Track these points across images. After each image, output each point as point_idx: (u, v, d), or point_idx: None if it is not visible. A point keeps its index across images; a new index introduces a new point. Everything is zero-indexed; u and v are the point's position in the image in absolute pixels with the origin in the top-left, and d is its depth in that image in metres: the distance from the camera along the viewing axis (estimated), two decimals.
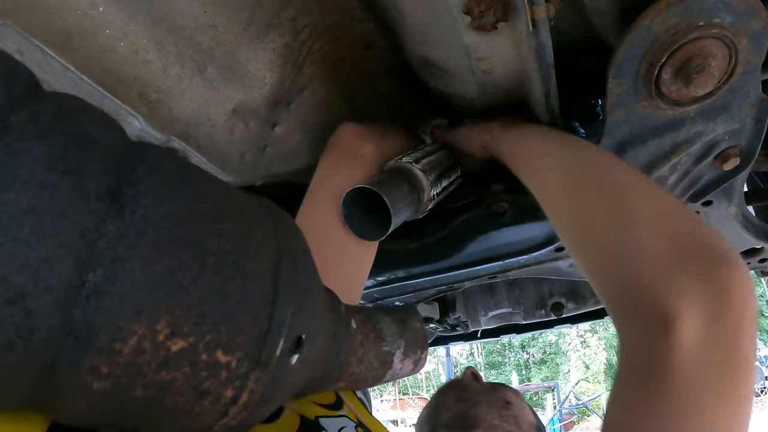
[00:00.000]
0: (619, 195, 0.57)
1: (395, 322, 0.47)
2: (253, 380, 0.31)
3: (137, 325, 0.26)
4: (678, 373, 0.44)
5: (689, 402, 0.44)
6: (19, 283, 0.24)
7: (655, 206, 0.55)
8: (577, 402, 13.21)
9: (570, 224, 0.63)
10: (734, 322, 0.45)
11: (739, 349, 0.45)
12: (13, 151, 0.24)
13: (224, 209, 0.32)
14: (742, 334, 0.45)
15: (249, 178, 0.97)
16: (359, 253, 0.81)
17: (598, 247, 0.57)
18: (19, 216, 0.24)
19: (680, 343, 0.44)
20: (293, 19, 0.78)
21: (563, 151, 0.68)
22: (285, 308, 0.32)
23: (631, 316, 0.51)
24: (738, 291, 0.46)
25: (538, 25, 0.62)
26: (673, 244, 0.50)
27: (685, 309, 0.45)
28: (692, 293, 0.46)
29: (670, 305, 0.46)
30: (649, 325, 0.47)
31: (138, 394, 0.28)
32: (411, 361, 0.48)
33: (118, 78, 0.74)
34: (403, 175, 0.78)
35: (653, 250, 0.51)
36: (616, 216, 0.56)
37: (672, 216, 0.54)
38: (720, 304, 0.45)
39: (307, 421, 0.47)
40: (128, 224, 0.27)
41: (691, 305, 0.45)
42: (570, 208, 0.63)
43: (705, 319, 0.45)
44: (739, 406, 0.44)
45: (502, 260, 1.02)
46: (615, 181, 0.59)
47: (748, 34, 0.63)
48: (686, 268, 0.48)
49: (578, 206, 0.61)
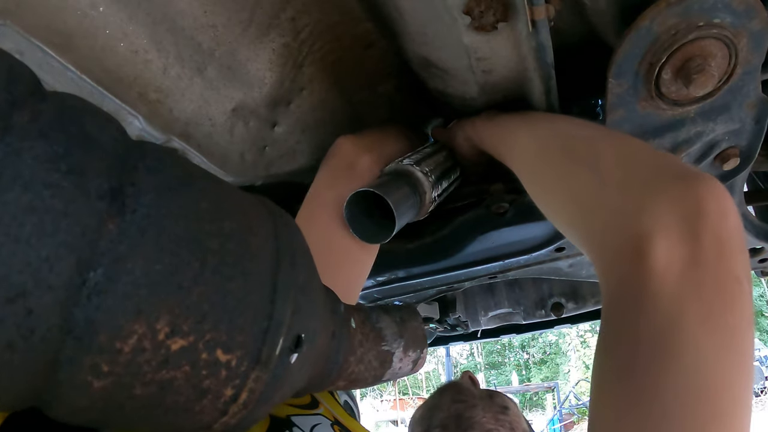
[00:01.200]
0: (585, 147, 0.56)
1: (395, 321, 0.47)
2: (252, 379, 0.31)
3: (138, 324, 0.27)
4: (655, 297, 0.40)
5: (670, 325, 0.39)
6: (19, 282, 0.24)
7: (621, 147, 0.53)
8: (577, 402, 13.21)
9: (543, 188, 0.62)
10: (715, 236, 0.41)
11: (724, 265, 0.40)
12: (15, 151, 0.24)
13: (225, 208, 0.32)
14: (726, 249, 0.41)
15: (249, 178, 0.97)
16: (358, 260, 0.81)
17: (570, 199, 0.55)
18: (20, 215, 0.24)
19: (654, 266, 0.41)
20: (293, 19, 0.78)
21: (536, 125, 0.68)
22: (284, 307, 0.32)
23: (605, 251, 0.47)
24: (714, 204, 0.42)
25: (537, 25, 0.62)
26: (640, 172, 0.48)
27: (656, 229, 0.42)
28: (662, 211, 0.42)
29: (639, 228, 0.42)
30: (622, 255, 0.44)
31: (138, 393, 0.28)
32: (410, 360, 0.48)
33: (118, 78, 0.74)
34: (405, 177, 0.78)
35: (620, 182, 0.48)
36: (584, 165, 0.54)
37: (638, 151, 0.52)
38: (695, 218, 0.41)
39: (278, 420, 0.47)
40: (129, 223, 0.27)
41: (662, 224, 0.42)
42: (542, 174, 0.62)
43: (679, 237, 0.41)
44: (731, 330, 0.39)
45: (502, 260, 1.02)
46: (580, 136, 0.58)
47: (748, 35, 0.63)
48: (654, 189, 0.44)
49: (549, 169, 0.60)
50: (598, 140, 0.56)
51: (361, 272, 0.83)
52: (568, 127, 0.63)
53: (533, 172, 0.64)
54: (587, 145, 0.56)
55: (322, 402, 0.55)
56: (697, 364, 0.38)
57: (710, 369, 0.38)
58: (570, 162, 0.57)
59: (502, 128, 0.76)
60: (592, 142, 0.56)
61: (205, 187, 0.32)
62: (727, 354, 0.38)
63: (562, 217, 0.58)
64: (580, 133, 0.60)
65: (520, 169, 0.67)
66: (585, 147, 0.56)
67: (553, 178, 0.59)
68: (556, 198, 0.59)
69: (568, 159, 0.57)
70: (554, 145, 0.61)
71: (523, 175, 0.66)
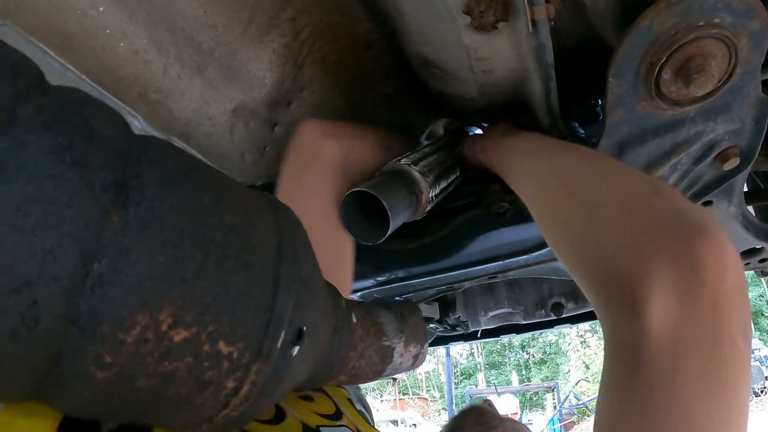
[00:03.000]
0: (585, 183, 0.56)
1: (395, 317, 0.47)
2: (254, 371, 0.31)
3: (141, 316, 0.27)
4: (650, 357, 0.41)
5: (663, 384, 0.40)
6: (24, 272, 0.24)
7: (619, 186, 0.53)
8: (577, 402, 13.18)
9: (547, 222, 0.61)
10: (711, 296, 0.40)
11: (719, 325, 0.40)
12: (20, 143, 0.25)
13: (227, 202, 0.32)
14: (722, 309, 0.41)
15: (249, 178, 0.97)
16: (340, 249, 0.81)
17: (570, 238, 0.55)
18: (25, 206, 0.24)
19: (650, 327, 0.41)
20: (293, 19, 0.78)
21: (542, 156, 0.68)
22: (286, 300, 0.33)
23: (604, 301, 0.48)
24: (713, 261, 0.41)
25: (538, 25, 0.62)
26: (636, 220, 0.47)
27: (653, 289, 0.41)
28: (659, 270, 0.42)
29: (636, 286, 0.42)
30: (619, 310, 0.44)
31: (141, 384, 0.28)
32: (411, 355, 0.48)
33: (118, 78, 0.74)
34: (401, 177, 0.78)
35: (617, 230, 0.48)
36: (582, 204, 0.54)
37: (636, 192, 0.51)
38: (692, 278, 0.41)
39: (309, 429, 0.47)
40: (133, 215, 0.27)
41: (659, 284, 0.41)
42: (546, 207, 0.62)
43: (676, 298, 0.41)
44: (723, 388, 0.40)
45: (502, 260, 1.02)
46: (581, 171, 0.58)
47: (748, 34, 0.63)
48: (651, 243, 0.44)
49: (552, 203, 0.60)
50: (597, 176, 0.55)
51: (346, 262, 0.82)
52: (569, 161, 0.62)
53: (538, 212, 0.64)
54: (586, 184, 0.56)
55: (345, 413, 0.55)
56: (687, 421, 0.39)
57: (701, 426, 0.39)
58: (569, 200, 0.57)
59: (511, 156, 0.76)
60: (591, 180, 0.56)
61: (207, 180, 0.32)
62: (718, 411, 0.40)
63: (562, 254, 0.57)
64: (580, 167, 0.59)
65: (528, 204, 0.67)
66: (584, 184, 0.56)
67: (553, 218, 0.59)
68: (557, 236, 0.58)
69: (567, 196, 0.57)
70: (554, 182, 0.61)
71: (531, 211, 0.66)
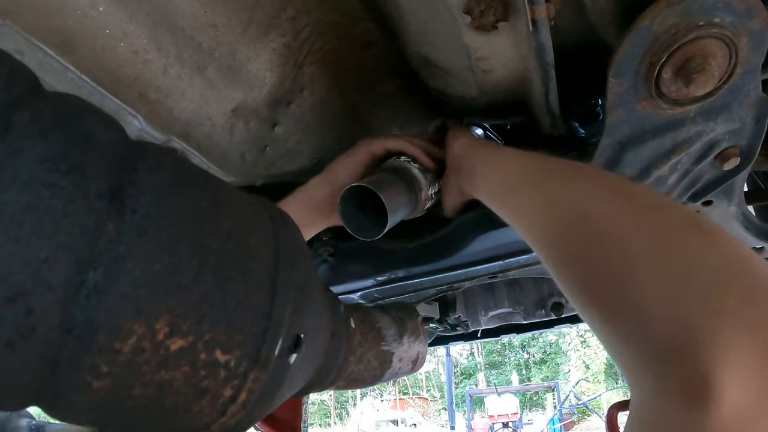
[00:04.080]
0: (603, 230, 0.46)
1: (394, 321, 0.47)
2: (251, 379, 0.31)
3: (137, 325, 0.27)
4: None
5: None
6: (19, 281, 0.24)
7: (648, 224, 0.43)
8: (578, 402, 13.20)
9: (555, 267, 0.51)
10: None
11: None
12: (14, 150, 0.24)
13: (224, 208, 0.32)
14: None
15: (249, 178, 0.97)
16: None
17: (594, 286, 0.45)
18: (19, 215, 0.24)
19: (719, 419, 0.32)
20: (293, 19, 0.78)
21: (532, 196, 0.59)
22: (284, 307, 0.32)
23: (643, 365, 0.39)
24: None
25: (538, 24, 0.62)
26: (697, 271, 0.38)
27: (731, 371, 0.32)
28: (738, 347, 0.33)
29: (705, 362, 0.33)
30: (672, 385, 0.35)
31: (137, 393, 0.28)
32: (410, 360, 0.48)
33: (118, 78, 0.74)
34: (401, 173, 0.78)
35: (657, 285, 0.39)
36: (610, 256, 0.44)
37: (682, 235, 0.41)
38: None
39: None
40: (129, 223, 0.27)
41: (738, 366, 0.32)
42: (550, 250, 0.52)
43: (755, 388, 0.32)
44: None
45: (502, 260, 1.01)
46: (595, 217, 0.47)
47: (748, 34, 0.63)
48: (724, 305, 0.35)
49: (559, 251, 0.50)
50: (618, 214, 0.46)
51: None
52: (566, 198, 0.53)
53: (541, 251, 0.55)
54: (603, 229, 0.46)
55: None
56: None
57: None
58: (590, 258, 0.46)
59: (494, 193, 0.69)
60: (613, 221, 0.46)
61: (204, 187, 0.32)
62: None
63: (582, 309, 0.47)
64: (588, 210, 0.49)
65: (527, 241, 0.59)
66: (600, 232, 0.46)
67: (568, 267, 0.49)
68: (575, 298, 0.48)
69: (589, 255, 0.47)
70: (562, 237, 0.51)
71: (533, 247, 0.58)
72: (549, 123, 0.80)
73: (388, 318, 0.47)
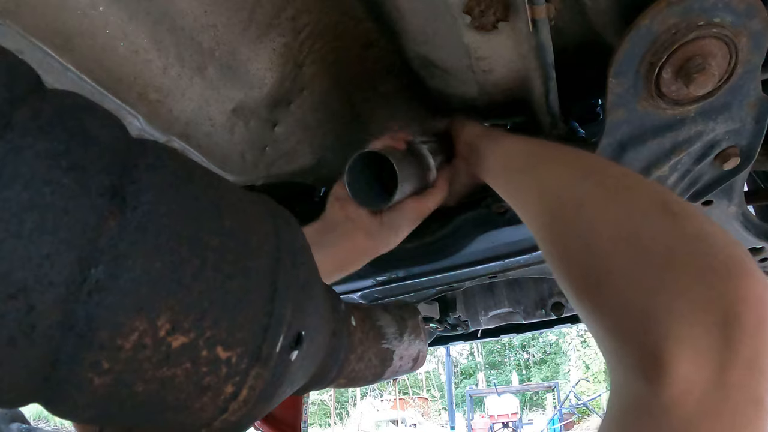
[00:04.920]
0: (575, 207, 0.48)
1: (395, 319, 0.47)
2: (253, 376, 0.31)
3: (138, 321, 0.27)
4: (668, 421, 0.34)
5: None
6: (20, 278, 0.24)
7: (616, 206, 0.45)
8: (578, 402, 13.20)
9: (545, 254, 0.54)
10: (749, 358, 0.33)
11: (751, 388, 0.34)
12: (16, 148, 0.24)
13: (225, 206, 0.32)
14: (757, 369, 0.34)
15: (249, 178, 0.97)
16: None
17: (572, 274, 0.47)
18: (21, 212, 0.24)
19: (672, 393, 0.33)
20: (293, 19, 0.78)
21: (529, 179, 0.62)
22: (285, 305, 0.33)
23: (614, 351, 0.40)
24: (753, 313, 0.34)
25: (538, 24, 0.62)
26: (646, 254, 0.39)
27: (679, 349, 0.33)
28: (686, 325, 0.34)
29: (657, 343, 0.34)
30: (634, 367, 0.36)
31: (139, 390, 0.28)
32: (410, 358, 0.48)
33: (118, 78, 0.74)
34: (411, 152, 0.80)
35: (623, 266, 0.40)
36: (577, 233, 0.47)
37: (640, 213, 0.43)
38: (728, 337, 0.33)
39: None
40: (130, 220, 0.27)
41: (688, 343, 0.34)
42: (542, 239, 0.54)
43: (708, 362, 0.33)
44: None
45: (502, 260, 1.02)
46: (571, 193, 0.51)
47: (749, 34, 0.63)
48: (672, 287, 0.36)
49: (548, 235, 0.53)
50: (588, 196, 0.48)
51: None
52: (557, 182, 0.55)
53: (535, 233, 0.57)
54: (576, 207, 0.49)
55: None
56: None
57: None
58: (564, 230, 0.50)
59: (497, 173, 0.72)
60: (582, 201, 0.48)
61: (205, 184, 0.32)
62: None
63: (563, 283, 0.49)
64: (569, 188, 0.51)
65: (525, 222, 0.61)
66: (573, 208, 0.49)
67: (548, 251, 0.53)
68: (556, 271, 0.51)
69: (563, 227, 0.50)
70: (547, 209, 0.54)
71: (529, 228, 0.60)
72: (549, 123, 0.80)
73: (388, 316, 0.47)
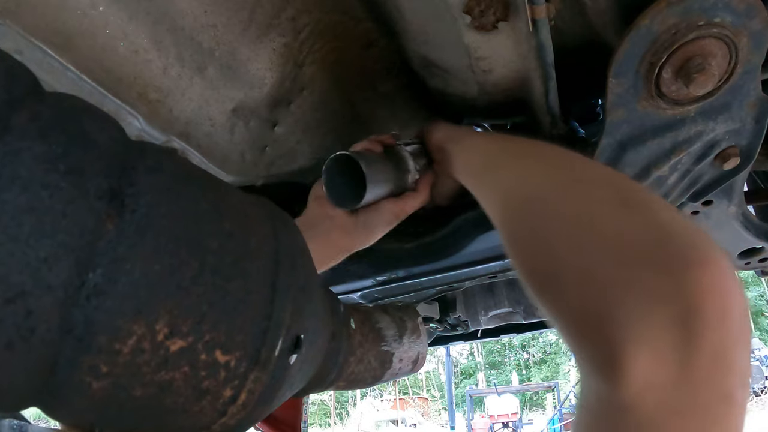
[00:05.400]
0: (534, 201, 0.47)
1: (395, 321, 0.47)
2: (251, 380, 0.31)
3: (136, 325, 0.27)
4: (634, 425, 0.32)
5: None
6: (19, 282, 0.24)
7: (573, 198, 0.43)
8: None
9: (505, 247, 0.51)
10: (712, 351, 0.31)
11: (717, 383, 0.32)
12: (14, 151, 0.24)
13: (224, 209, 0.32)
14: (723, 363, 0.32)
15: (249, 178, 0.97)
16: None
17: (528, 268, 0.45)
18: (19, 215, 0.24)
19: (633, 390, 0.32)
20: (293, 19, 0.78)
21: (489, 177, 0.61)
22: (284, 308, 0.32)
23: (576, 347, 0.38)
24: (714, 302, 0.32)
25: (538, 24, 0.62)
26: (601, 245, 0.38)
27: (636, 344, 0.32)
28: (644, 318, 0.32)
29: (614, 339, 0.33)
30: (594, 362, 0.35)
31: (137, 394, 0.28)
32: (410, 360, 0.48)
33: (118, 78, 0.74)
34: (391, 154, 0.80)
35: (577, 259, 0.39)
36: (533, 227, 0.45)
37: (597, 204, 0.41)
38: (688, 330, 0.31)
39: None
40: (128, 223, 0.27)
41: (645, 338, 0.32)
42: (501, 231, 0.52)
43: (668, 357, 0.31)
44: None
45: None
46: (531, 190, 0.50)
47: (749, 34, 0.63)
48: (627, 279, 0.34)
49: (507, 231, 0.51)
50: (548, 190, 0.47)
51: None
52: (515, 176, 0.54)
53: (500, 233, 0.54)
54: (535, 201, 0.48)
55: None
56: None
57: None
58: (521, 225, 0.48)
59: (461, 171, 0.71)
60: (541, 197, 0.47)
61: (204, 187, 0.32)
62: None
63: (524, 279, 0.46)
64: (531, 183, 0.50)
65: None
66: (532, 202, 0.48)
67: (508, 245, 0.50)
68: (517, 266, 0.48)
69: (519, 223, 0.49)
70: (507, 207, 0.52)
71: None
72: (549, 123, 0.80)
73: (388, 318, 0.47)
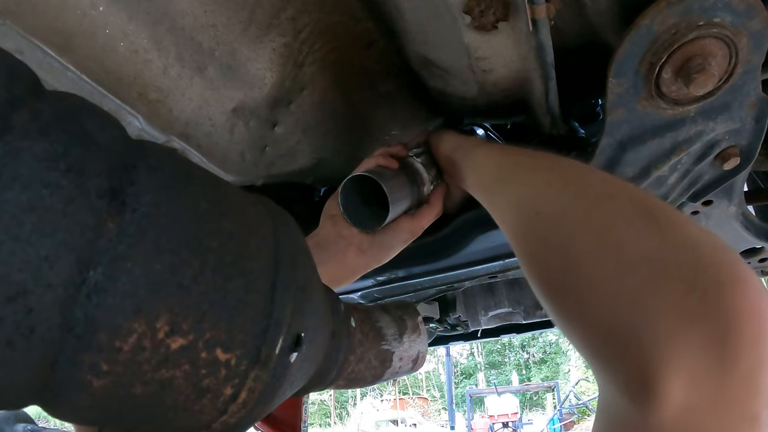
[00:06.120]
0: (550, 221, 0.46)
1: (395, 320, 0.47)
2: (252, 378, 0.31)
3: (137, 323, 0.27)
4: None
5: None
6: (19, 280, 0.24)
7: (592, 214, 0.42)
8: (578, 402, 13.19)
9: (521, 263, 0.51)
10: (746, 374, 0.30)
11: (747, 406, 0.31)
12: (14, 150, 0.24)
13: (224, 208, 0.32)
14: (755, 386, 0.31)
15: (249, 178, 0.97)
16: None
17: (550, 290, 0.44)
18: (20, 214, 0.24)
19: (665, 414, 0.31)
20: (293, 19, 0.78)
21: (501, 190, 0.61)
22: (284, 306, 0.32)
23: (601, 369, 0.38)
24: (750, 325, 0.31)
25: (538, 24, 0.62)
26: (628, 263, 0.36)
27: (671, 366, 0.31)
28: (680, 340, 0.31)
29: (646, 360, 0.32)
30: (621, 385, 0.34)
31: (138, 392, 0.28)
32: (410, 359, 0.48)
33: (118, 78, 0.74)
34: (404, 167, 0.79)
35: (603, 278, 0.38)
36: (554, 247, 0.44)
37: (617, 218, 0.40)
38: (724, 352, 0.30)
39: None
40: (129, 222, 0.27)
41: (680, 359, 0.31)
42: (517, 247, 0.52)
43: (703, 380, 0.31)
44: None
45: (502, 260, 1.02)
46: (547, 208, 0.48)
47: (749, 34, 0.63)
48: (660, 298, 0.33)
49: (523, 249, 0.50)
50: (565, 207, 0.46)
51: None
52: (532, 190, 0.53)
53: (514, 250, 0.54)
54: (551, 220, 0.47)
55: None
56: None
57: None
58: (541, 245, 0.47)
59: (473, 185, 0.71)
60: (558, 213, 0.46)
61: (205, 186, 0.32)
62: None
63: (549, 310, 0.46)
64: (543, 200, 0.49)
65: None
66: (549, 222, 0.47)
67: (526, 264, 0.50)
68: (537, 289, 0.48)
69: (540, 245, 0.47)
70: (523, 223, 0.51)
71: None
72: (549, 123, 0.80)
73: (388, 317, 0.47)
